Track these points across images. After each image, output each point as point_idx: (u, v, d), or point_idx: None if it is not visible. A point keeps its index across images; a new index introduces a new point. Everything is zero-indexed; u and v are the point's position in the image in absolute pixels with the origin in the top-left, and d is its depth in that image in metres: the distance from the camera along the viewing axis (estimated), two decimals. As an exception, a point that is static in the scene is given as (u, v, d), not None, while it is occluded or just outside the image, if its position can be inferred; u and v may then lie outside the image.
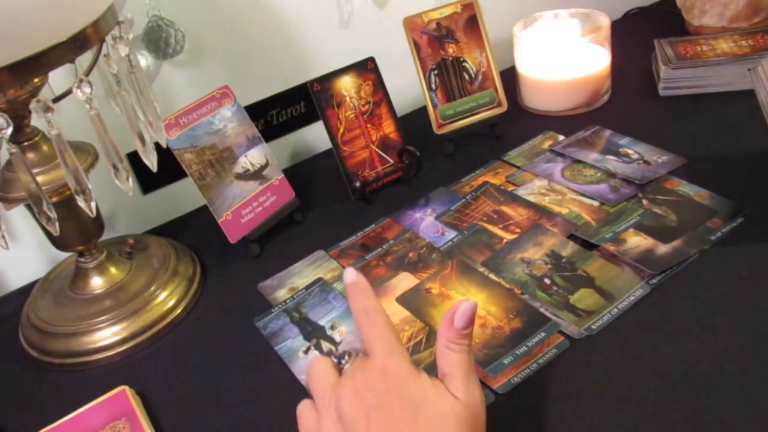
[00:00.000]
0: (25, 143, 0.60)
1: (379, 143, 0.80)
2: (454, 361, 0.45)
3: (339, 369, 0.46)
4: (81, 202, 0.55)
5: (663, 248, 0.63)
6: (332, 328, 0.62)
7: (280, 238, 0.77)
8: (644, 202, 0.70)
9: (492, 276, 0.64)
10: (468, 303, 0.45)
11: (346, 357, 0.46)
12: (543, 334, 0.57)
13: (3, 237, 0.55)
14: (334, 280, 0.68)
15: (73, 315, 0.67)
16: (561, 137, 0.84)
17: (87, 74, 0.56)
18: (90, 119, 0.53)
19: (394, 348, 0.45)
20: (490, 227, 0.71)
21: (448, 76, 0.83)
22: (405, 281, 0.66)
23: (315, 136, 0.93)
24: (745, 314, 0.55)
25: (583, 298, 0.60)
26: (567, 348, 0.56)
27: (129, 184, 0.57)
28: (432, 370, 0.50)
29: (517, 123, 0.88)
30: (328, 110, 0.78)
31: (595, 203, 0.71)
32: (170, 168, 0.68)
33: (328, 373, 0.46)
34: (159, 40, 0.75)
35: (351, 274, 0.49)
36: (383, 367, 0.43)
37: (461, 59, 0.83)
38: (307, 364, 0.46)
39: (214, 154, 0.72)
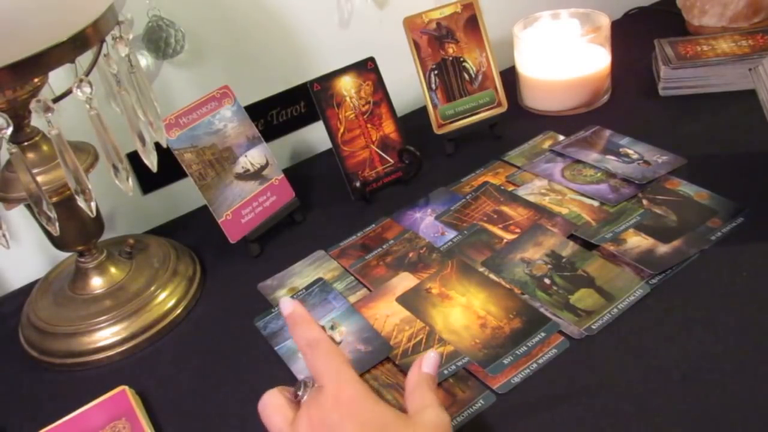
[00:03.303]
0: (25, 143, 0.60)
1: (379, 143, 0.80)
2: (422, 394, 0.46)
3: (295, 402, 0.46)
4: (81, 202, 0.55)
5: (663, 248, 0.63)
6: (332, 328, 0.62)
7: (280, 238, 0.77)
8: (644, 202, 0.70)
9: (492, 276, 0.64)
10: (434, 352, 0.48)
11: (302, 387, 0.45)
12: (543, 334, 0.57)
13: (3, 237, 0.55)
14: (334, 280, 0.68)
15: (73, 315, 0.67)
16: (561, 137, 0.84)
17: (87, 74, 0.56)
18: (90, 119, 0.53)
19: (343, 375, 0.44)
20: (490, 227, 0.71)
21: (448, 76, 0.83)
22: (405, 281, 0.66)
23: (315, 136, 0.93)
24: (745, 314, 0.55)
25: (583, 298, 0.60)
26: (567, 348, 0.56)
27: (129, 184, 0.57)
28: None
29: (517, 123, 0.88)
30: (328, 110, 0.78)
31: (595, 203, 0.71)
32: (170, 168, 0.68)
33: (282, 408, 0.45)
34: (159, 40, 0.75)
35: (287, 305, 0.49)
36: (335, 396, 0.43)
37: (461, 59, 0.83)
38: (260, 401, 0.46)
39: (214, 154, 0.72)
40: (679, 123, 0.82)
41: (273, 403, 0.46)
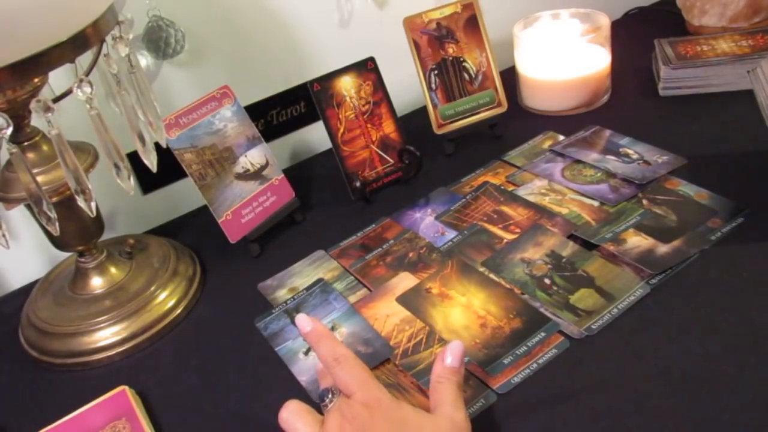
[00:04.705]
0: (25, 143, 0.61)
1: (379, 143, 0.80)
2: (442, 390, 0.48)
3: (315, 409, 0.48)
4: (81, 202, 0.55)
5: (663, 248, 0.63)
6: (333, 329, 0.62)
7: (280, 238, 0.77)
8: (644, 202, 0.70)
9: (492, 276, 0.64)
10: (458, 341, 0.50)
11: (330, 395, 0.48)
12: (543, 334, 0.57)
13: (3, 237, 0.55)
14: (335, 280, 0.68)
15: (73, 315, 0.67)
16: (561, 137, 0.84)
17: (87, 74, 0.56)
18: (90, 119, 0.53)
19: (372, 385, 0.48)
20: (490, 227, 0.71)
21: (448, 76, 0.83)
22: (405, 281, 0.66)
23: (315, 136, 0.93)
24: (745, 314, 0.55)
25: (583, 298, 0.60)
26: (567, 348, 0.56)
27: (131, 182, 0.57)
28: (430, 371, 0.50)
29: (517, 123, 0.88)
30: (328, 110, 0.78)
31: (595, 203, 0.71)
32: (170, 168, 0.68)
33: (310, 413, 0.48)
34: (159, 40, 0.75)
35: (305, 322, 0.51)
36: (365, 402, 0.46)
37: (461, 59, 0.83)
38: (283, 409, 0.48)
39: (214, 154, 0.72)
40: (679, 123, 0.82)
41: (298, 409, 0.48)
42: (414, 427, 0.46)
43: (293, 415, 0.48)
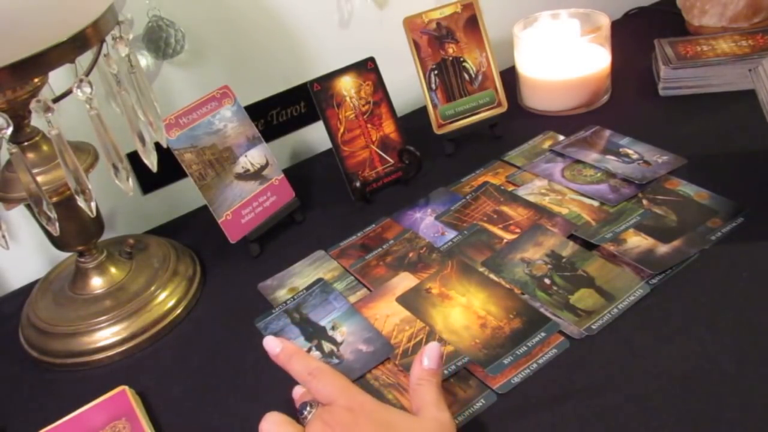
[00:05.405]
0: (25, 143, 0.61)
1: (379, 143, 0.80)
2: (423, 392, 0.48)
3: (297, 420, 0.48)
4: (81, 202, 0.55)
5: (663, 248, 0.63)
6: (333, 328, 0.62)
7: (280, 238, 0.77)
8: (644, 202, 0.70)
9: (492, 276, 0.64)
10: (434, 343, 0.51)
11: (308, 408, 0.48)
12: (543, 334, 0.57)
13: (3, 237, 0.55)
14: (335, 280, 0.68)
15: (73, 315, 0.67)
16: (561, 137, 0.84)
17: (87, 74, 0.56)
18: (90, 119, 0.53)
19: (353, 391, 0.48)
20: (490, 227, 0.71)
21: (448, 76, 0.83)
22: (405, 281, 0.66)
23: (315, 136, 0.93)
24: (745, 314, 0.55)
25: (583, 298, 0.60)
26: (567, 348, 0.56)
27: (129, 183, 0.57)
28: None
29: (517, 123, 0.88)
30: (328, 110, 0.78)
31: (595, 203, 0.71)
32: (170, 168, 0.68)
33: (291, 424, 0.47)
34: (159, 40, 0.75)
35: (274, 344, 0.52)
36: (347, 407, 0.46)
37: (461, 59, 0.83)
38: (262, 425, 0.48)
39: (214, 154, 0.72)
40: (679, 123, 0.82)
41: (279, 420, 0.48)
42: (402, 429, 0.45)
43: (274, 427, 0.47)
